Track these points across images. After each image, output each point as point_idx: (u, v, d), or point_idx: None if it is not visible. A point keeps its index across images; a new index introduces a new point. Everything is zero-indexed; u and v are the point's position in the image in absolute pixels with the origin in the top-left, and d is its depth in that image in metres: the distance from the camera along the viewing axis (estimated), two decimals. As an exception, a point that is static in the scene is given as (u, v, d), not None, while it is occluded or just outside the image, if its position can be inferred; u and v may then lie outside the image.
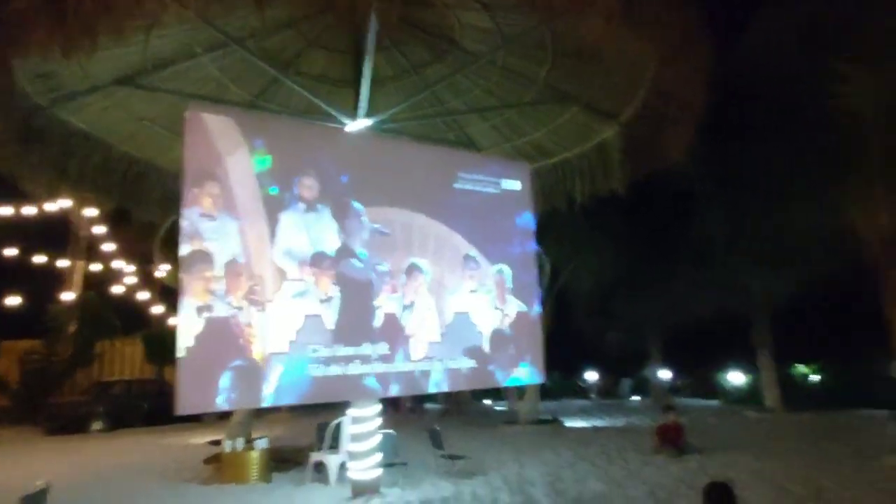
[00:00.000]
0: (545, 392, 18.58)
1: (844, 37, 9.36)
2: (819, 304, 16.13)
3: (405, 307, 7.57)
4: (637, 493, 7.45)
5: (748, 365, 19.58)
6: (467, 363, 8.02)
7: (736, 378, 20.92)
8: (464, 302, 8.17)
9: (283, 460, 9.84)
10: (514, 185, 9.14)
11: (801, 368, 19.83)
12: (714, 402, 20.50)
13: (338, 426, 8.84)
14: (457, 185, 8.45)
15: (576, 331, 21.37)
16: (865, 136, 9.32)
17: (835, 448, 10.33)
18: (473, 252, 8.38)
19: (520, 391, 16.99)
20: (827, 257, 12.97)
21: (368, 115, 8.16)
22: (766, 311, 17.49)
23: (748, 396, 19.32)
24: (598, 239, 16.75)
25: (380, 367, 7.19)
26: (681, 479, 8.17)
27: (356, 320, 7.11)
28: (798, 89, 10.07)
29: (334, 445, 8.75)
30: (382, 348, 7.24)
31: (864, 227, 9.71)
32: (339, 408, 8.86)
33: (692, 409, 17.89)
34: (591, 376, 24.65)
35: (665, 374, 23.15)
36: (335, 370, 6.83)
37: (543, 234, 11.50)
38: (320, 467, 8.64)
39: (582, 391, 25.00)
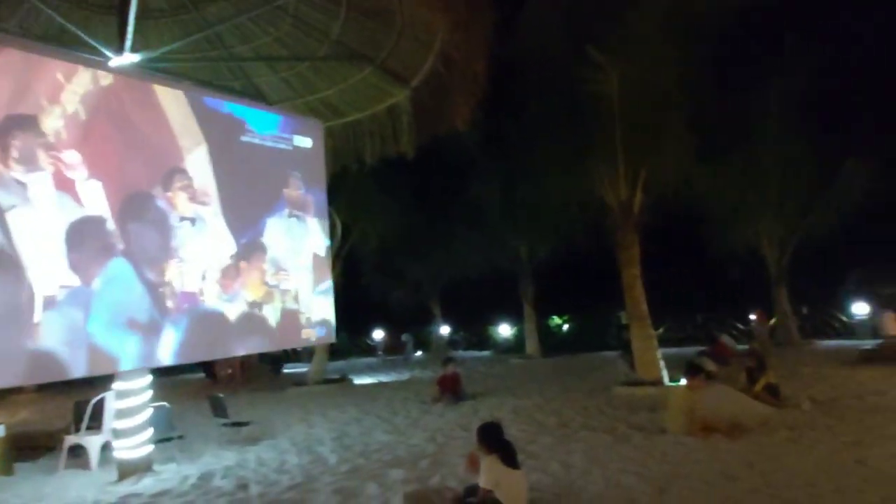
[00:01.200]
0: (334, 351, 18.74)
1: (600, 27, 10.66)
2: (571, 263, 18.66)
3: (182, 260, 6.93)
4: (418, 440, 7.98)
5: (516, 318, 21.99)
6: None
7: (504, 330, 23.40)
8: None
9: (32, 447, 8.52)
10: (306, 142, 8.87)
11: (555, 319, 22.90)
12: (487, 353, 22.68)
13: (99, 403, 7.88)
14: (244, 139, 7.91)
15: (363, 290, 21.79)
16: (611, 117, 10.84)
17: (577, 384, 12.23)
18: (261, 209, 7.98)
19: (309, 352, 16.89)
20: (579, 222, 15.00)
21: (137, 50, 7.16)
22: (530, 270, 19.72)
23: (514, 346, 21.77)
24: (386, 200, 17.14)
25: (152, 337, 6.53)
26: (457, 423, 8.95)
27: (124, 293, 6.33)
28: (562, 70, 11.24)
29: (95, 425, 7.80)
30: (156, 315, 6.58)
31: (608, 196, 11.39)
32: (100, 383, 7.89)
33: (468, 361, 19.56)
34: (378, 334, 25.45)
35: (445, 330, 24.90)
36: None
37: (334, 193, 11.40)
38: (78, 451, 7.65)
39: (370, 349, 25.71)
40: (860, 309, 17.46)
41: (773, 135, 15.71)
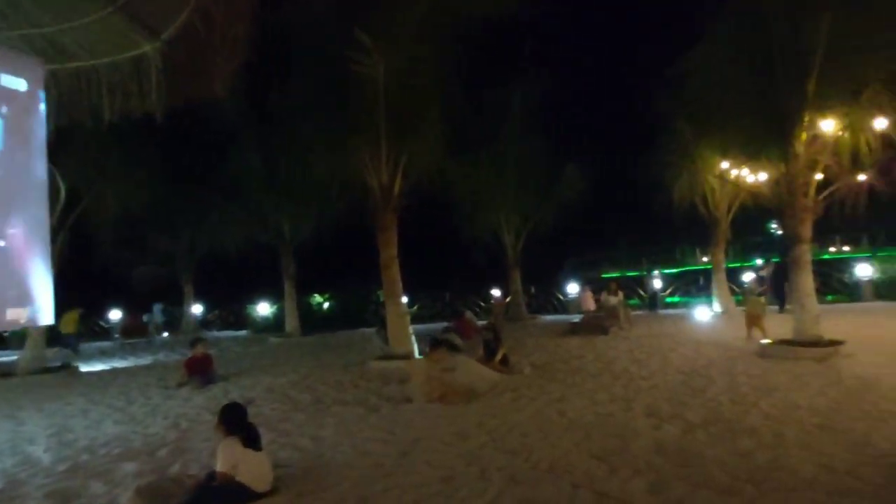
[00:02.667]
0: (57, 336, 16.11)
1: (370, 12, 10.84)
2: (334, 241, 18.84)
3: None
4: (158, 428, 7.37)
5: (276, 296, 21.44)
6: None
7: (263, 309, 22.65)
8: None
9: None
10: (18, 83, 7.38)
11: (317, 297, 22.90)
12: (244, 332, 21.71)
13: None
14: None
15: (98, 265, 19.13)
16: (377, 102, 11.16)
17: (334, 360, 12.49)
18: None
19: (20, 337, 14.25)
20: (343, 202, 15.19)
21: None
22: (292, 247, 19.37)
23: (274, 325, 21.23)
24: (131, 165, 15.22)
25: None
26: (205, 406, 8.46)
27: None
28: (332, 48, 11.18)
29: None
30: None
31: (370, 179, 11.73)
32: None
33: (222, 341, 18.52)
34: (116, 315, 22.59)
35: (197, 309, 23.14)
36: None
37: (59, 150, 9.76)
38: None
39: (104, 332, 22.69)
40: (572, 289, 20.84)
41: (515, 135, 17.86)
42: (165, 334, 21.91)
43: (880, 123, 8.95)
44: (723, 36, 10.28)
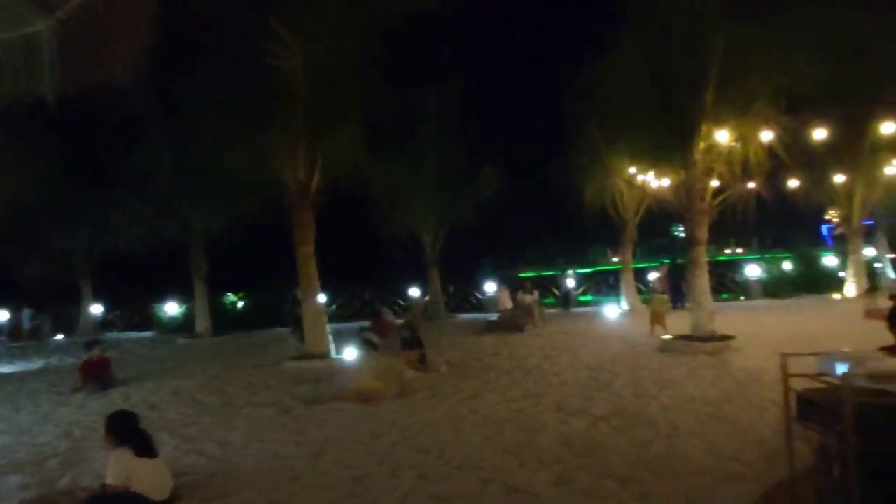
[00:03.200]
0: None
1: (289, 2, 10.54)
2: (248, 238, 18.19)
3: None
4: (48, 437, 6.86)
5: (185, 296, 20.41)
6: None
7: (172, 309, 21.52)
8: None
9: None
10: None
11: (230, 296, 22.04)
12: (149, 333, 20.55)
13: None
14: None
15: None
16: (293, 96, 10.88)
17: (246, 361, 12.09)
18: None
19: None
20: (256, 197, 14.66)
21: None
22: (203, 244, 18.50)
23: (183, 325, 20.20)
24: (22, 153, 14.02)
25: None
26: (101, 413, 7.86)
27: None
28: (246, 37, 10.76)
29: None
30: None
31: (286, 175, 11.42)
32: None
33: (125, 343, 17.46)
34: (3, 315, 20.77)
35: (97, 309, 21.70)
36: None
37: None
38: None
39: (-11, 334, 20.80)
40: (489, 288, 21.24)
41: (433, 135, 18.00)
42: (60, 336, 20.33)
43: (766, 135, 9.74)
44: (628, 48, 10.83)
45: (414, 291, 21.14)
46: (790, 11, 9.18)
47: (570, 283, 21.20)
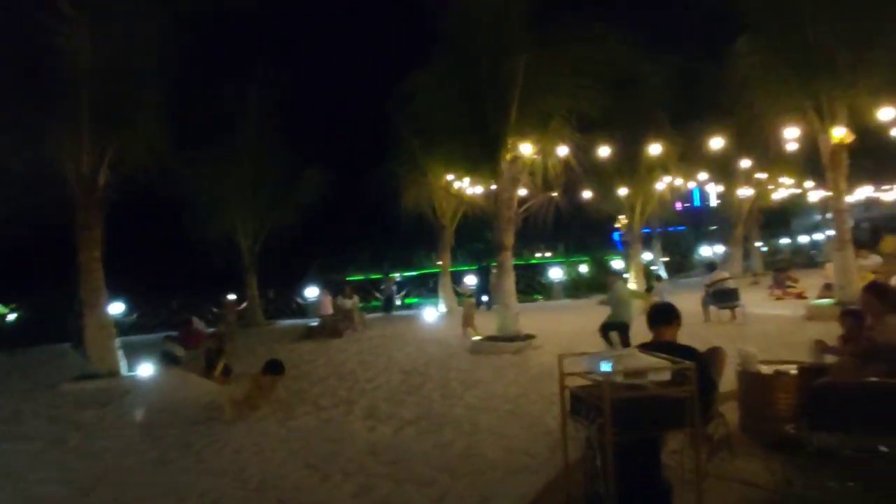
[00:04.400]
0: None
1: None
2: (22, 241, 15.60)
3: None
4: None
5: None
6: None
7: (-84, 324, 17.74)
8: None
9: None
10: None
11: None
12: None
13: None
14: None
15: None
16: (77, 79, 9.55)
17: (16, 384, 10.35)
18: None
19: None
20: (36, 194, 12.63)
21: None
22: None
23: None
24: None
25: None
26: None
27: None
28: (21, 19, 9.25)
29: None
30: None
31: (68, 170, 9.97)
32: None
33: None
34: None
35: None
36: None
37: None
38: None
39: None
40: (311, 292, 20.68)
41: (252, 134, 17.09)
42: None
43: (562, 151, 10.74)
44: (441, 63, 11.30)
45: (230, 297, 19.82)
46: (577, 47, 10.23)
47: (393, 286, 21.46)
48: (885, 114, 9.89)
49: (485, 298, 18.35)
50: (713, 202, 31.89)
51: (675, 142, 16.11)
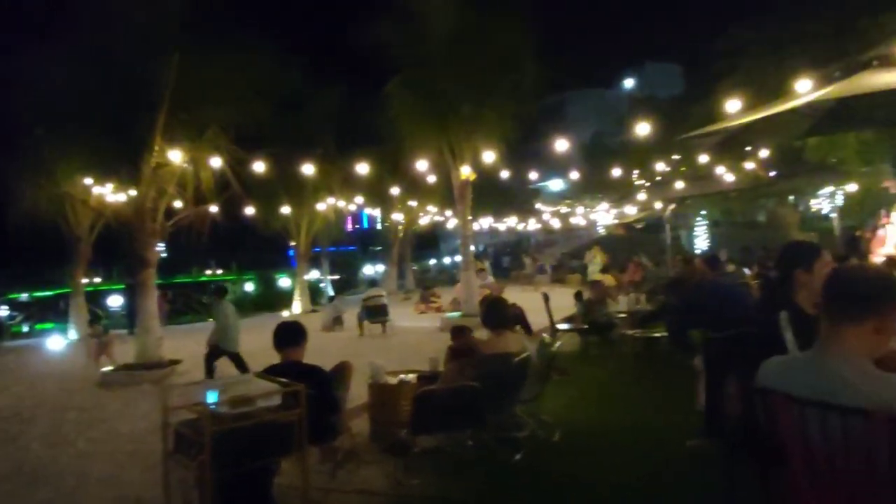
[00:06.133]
0: None
1: None
2: None
3: None
4: None
5: None
6: None
7: None
8: None
9: None
10: None
11: None
12: None
13: None
14: None
15: None
16: None
17: None
18: None
19: None
20: None
21: None
22: None
23: None
24: None
25: None
26: None
27: None
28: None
29: None
30: None
31: None
32: None
33: None
34: None
35: None
36: None
37: None
38: None
39: None
40: None
41: None
42: None
43: (216, 162, 10.13)
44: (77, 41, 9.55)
45: None
46: (237, 56, 9.80)
47: (3, 310, 17.25)
48: (488, 157, 12.06)
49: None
50: (379, 224, 34.62)
51: (339, 165, 16.89)
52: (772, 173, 17.45)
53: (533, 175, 17.69)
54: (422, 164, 12.81)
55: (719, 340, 4.07)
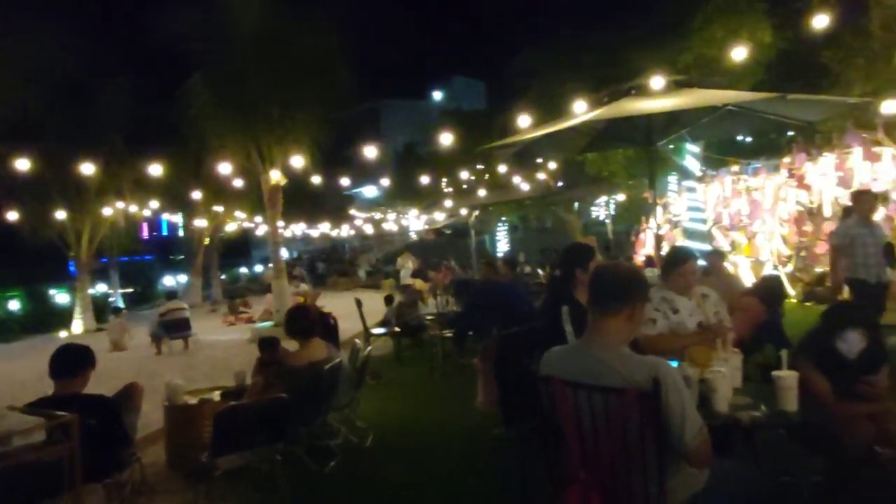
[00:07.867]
0: None
1: None
2: None
3: None
4: None
5: None
6: None
7: None
8: None
9: None
10: None
11: None
12: None
13: None
14: None
15: None
16: None
17: None
18: None
19: None
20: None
21: None
22: None
23: None
24: None
25: None
26: None
27: None
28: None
29: None
30: None
31: None
32: None
33: None
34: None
35: None
36: None
37: None
38: None
39: None
40: None
41: None
42: None
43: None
44: None
45: None
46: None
47: None
48: (299, 162, 11.79)
49: None
50: (181, 231, 31.76)
51: (130, 165, 15.16)
52: (559, 183, 19.59)
53: (346, 181, 17.62)
54: (227, 168, 12.03)
55: (510, 335, 4.44)
